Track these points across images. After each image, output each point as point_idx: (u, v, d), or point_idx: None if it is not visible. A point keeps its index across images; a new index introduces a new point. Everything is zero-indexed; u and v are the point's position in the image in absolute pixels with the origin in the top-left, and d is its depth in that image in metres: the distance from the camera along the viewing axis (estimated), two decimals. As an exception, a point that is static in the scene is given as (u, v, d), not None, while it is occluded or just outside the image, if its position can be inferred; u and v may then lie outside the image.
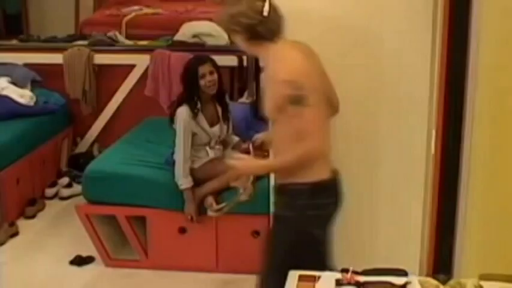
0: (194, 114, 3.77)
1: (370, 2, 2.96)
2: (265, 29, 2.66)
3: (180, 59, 5.01)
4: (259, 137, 3.08)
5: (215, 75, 3.77)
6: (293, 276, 2.78)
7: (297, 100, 2.54)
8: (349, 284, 2.65)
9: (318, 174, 2.69)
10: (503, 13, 2.65)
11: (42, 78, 5.49)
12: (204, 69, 3.75)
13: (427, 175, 3.06)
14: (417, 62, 2.98)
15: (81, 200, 4.24)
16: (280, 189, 2.78)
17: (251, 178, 3.33)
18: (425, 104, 3.01)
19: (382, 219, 3.15)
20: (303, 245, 2.75)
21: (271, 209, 2.94)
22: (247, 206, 3.67)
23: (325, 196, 2.73)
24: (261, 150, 3.67)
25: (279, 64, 2.64)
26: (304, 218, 2.71)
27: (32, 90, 5.31)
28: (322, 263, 2.76)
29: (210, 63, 3.79)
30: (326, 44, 3.01)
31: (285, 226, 2.77)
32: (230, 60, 5.15)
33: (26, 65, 5.51)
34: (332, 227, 2.83)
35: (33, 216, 4.76)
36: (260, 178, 3.43)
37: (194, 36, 5.59)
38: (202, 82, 3.75)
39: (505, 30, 2.66)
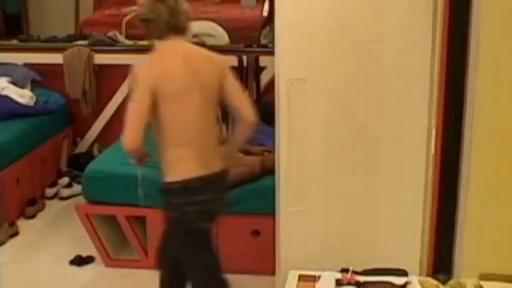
0: (194, 114, 3.77)
1: (371, 2, 2.96)
2: (153, 28, 2.82)
3: (180, 59, 5.00)
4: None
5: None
6: (293, 276, 2.79)
7: (130, 91, 2.71)
8: (349, 284, 2.66)
9: (186, 172, 2.75)
10: (503, 13, 2.65)
11: (42, 78, 5.48)
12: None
13: (427, 175, 3.06)
14: (417, 62, 2.98)
15: (81, 200, 4.24)
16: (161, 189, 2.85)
17: None
18: (425, 103, 3.01)
19: (382, 219, 3.15)
20: (195, 239, 2.84)
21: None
22: (247, 206, 3.68)
23: (199, 193, 2.76)
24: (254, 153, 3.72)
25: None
26: (185, 215, 2.77)
27: (32, 90, 5.30)
28: (211, 249, 2.90)
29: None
30: (326, 45, 3.01)
31: (175, 227, 2.86)
32: (230, 60, 5.11)
33: (26, 65, 5.50)
34: (218, 220, 2.92)
35: (33, 216, 4.76)
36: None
37: (194, 36, 5.56)
38: (202, 82, 3.74)
39: (505, 30, 2.66)
